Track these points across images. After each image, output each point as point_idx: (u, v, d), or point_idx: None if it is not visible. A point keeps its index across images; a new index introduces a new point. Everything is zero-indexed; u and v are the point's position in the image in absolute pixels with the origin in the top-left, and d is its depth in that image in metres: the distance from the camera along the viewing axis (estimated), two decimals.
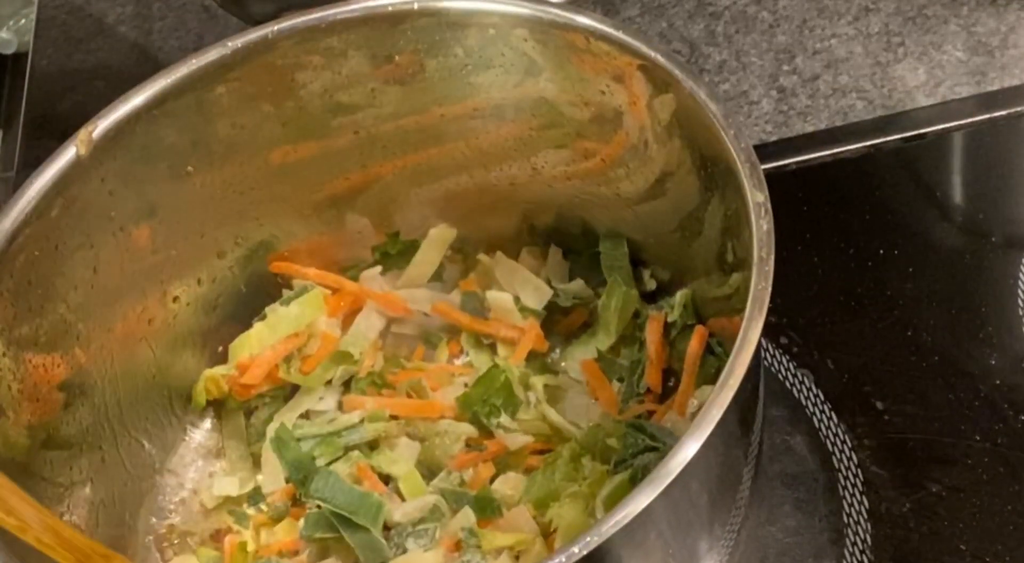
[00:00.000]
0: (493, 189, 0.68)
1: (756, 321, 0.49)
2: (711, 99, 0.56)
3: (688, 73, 0.57)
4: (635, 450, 0.59)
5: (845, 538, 0.63)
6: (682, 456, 0.45)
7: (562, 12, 0.60)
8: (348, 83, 0.64)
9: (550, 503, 0.60)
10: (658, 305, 0.66)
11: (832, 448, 0.67)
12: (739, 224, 0.54)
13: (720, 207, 0.57)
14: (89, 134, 0.59)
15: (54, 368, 0.59)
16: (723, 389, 0.47)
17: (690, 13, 0.90)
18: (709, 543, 0.53)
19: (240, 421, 0.68)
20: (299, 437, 0.65)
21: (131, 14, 1.00)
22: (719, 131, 0.55)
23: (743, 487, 0.55)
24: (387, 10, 0.62)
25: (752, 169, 0.53)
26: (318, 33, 0.62)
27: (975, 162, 0.79)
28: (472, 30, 0.62)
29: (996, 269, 0.73)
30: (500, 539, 0.59)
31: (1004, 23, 0.84)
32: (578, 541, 0.44)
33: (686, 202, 0.61)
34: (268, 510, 0.65)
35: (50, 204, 0.58)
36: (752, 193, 0.52)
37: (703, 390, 0.60)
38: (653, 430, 0.60)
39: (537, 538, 0.59)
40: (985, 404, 0.67)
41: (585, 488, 0.59)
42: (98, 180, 0.60)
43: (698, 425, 0.46)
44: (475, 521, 0.60)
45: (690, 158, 0.59)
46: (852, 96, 0.82)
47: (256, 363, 0.66)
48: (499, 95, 0.64)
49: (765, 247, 0.51)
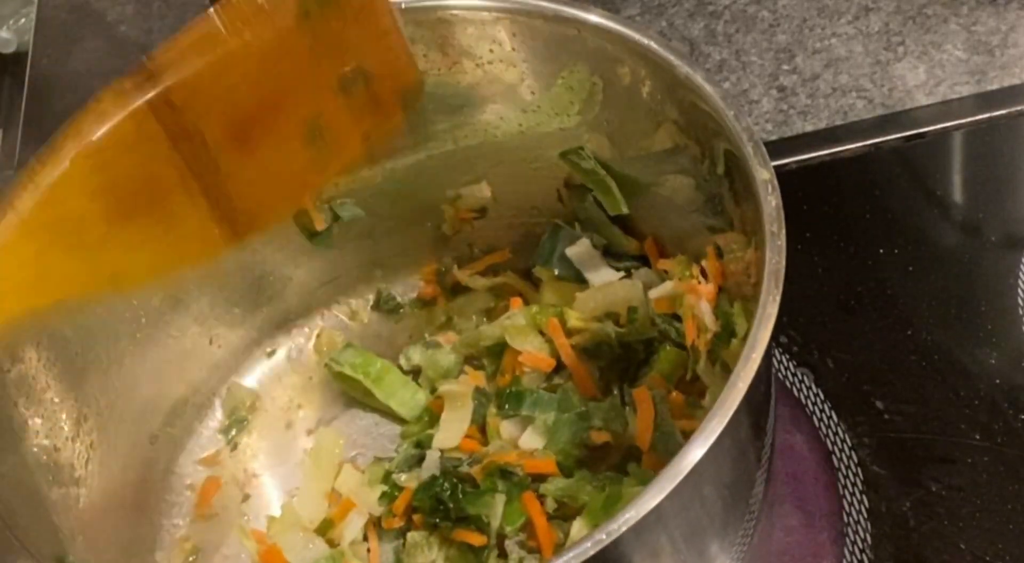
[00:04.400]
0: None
1: (774, 295, 0.49)
2: (708, 82, 0.56)
3: (683, 58, 0.57)
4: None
5: (845, 537, 0.63)
6: (693, 455, 0.45)
7: (564, 7, 0.61)
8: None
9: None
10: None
11: (832, 447, 0.67)
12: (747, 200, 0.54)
13: (726, 184, 0.58)
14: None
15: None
16: (747, 362, 0.47)
17: (690, 12, 0.90)
18: (720, 547, 0.53)
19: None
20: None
21: (131, 13, 1.00)
22: (720, 113, 0.55)
23: (756, 491, 0.54)
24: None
25: (756, 148, 0.53)
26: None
27: (975, 161, 0.79)
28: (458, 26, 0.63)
29: (996, 268, 0.73)
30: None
31: (1004, 22, 0.84)
32: (587, 539, 0.44)
33: (690, 183, 0.61)
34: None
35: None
36: (758, 171, 0.52)
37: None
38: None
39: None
40: (985, 403, 0.67)
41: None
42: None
43: (711, 420, 0.46)
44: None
45: (690, 139, 0.59)
46: (852, 95, 0.82)
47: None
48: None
49: (776, 222, 0.51)
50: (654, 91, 0.60)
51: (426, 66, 0.64)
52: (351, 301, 0.73)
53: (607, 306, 0.67)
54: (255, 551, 0.65)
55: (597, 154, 0.65)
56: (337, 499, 0.66)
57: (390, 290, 0.73)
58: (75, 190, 0.54)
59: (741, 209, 0.56)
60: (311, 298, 0.72)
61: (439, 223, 0.71)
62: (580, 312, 0.67)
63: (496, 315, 0.70)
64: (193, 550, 0.65)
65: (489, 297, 0.72)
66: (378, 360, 0.70)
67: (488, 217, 0.71)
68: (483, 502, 0.61)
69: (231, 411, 0.69)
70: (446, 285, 0.72)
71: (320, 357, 0.72)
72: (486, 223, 0.71)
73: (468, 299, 0.72)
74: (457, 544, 0.62)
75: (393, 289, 0.73)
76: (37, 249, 0.54)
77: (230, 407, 0.69)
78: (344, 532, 0.65)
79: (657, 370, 0.63)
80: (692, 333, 0.61)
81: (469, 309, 0.72)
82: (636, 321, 0.66)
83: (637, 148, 0.63)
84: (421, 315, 0.73)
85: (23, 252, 0.54)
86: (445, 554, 0.62)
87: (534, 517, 0.61)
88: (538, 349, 0.67)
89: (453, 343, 0.70)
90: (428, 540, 0.62)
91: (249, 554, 0.65)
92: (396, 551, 0.64)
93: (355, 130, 0.62)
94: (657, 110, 0.60)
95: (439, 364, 0.69)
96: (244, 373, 0.71)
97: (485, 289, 0.72)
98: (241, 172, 0.59)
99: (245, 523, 0.66)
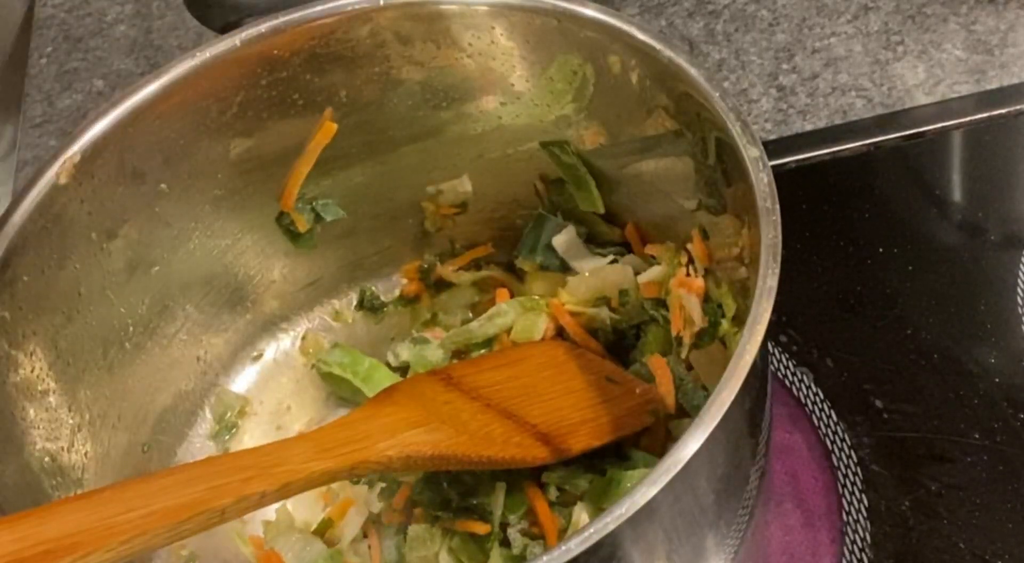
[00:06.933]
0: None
1: (772, 269, 0.49)
2: (692, 65, 0.56)
3: (667, 43, 0.57)
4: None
5: (844, 536, 0.63)
6: (688, 449, 0.45)
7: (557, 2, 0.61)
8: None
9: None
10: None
11: (831, 446, 0.67)
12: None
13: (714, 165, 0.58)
14: (72, 164, 0.59)
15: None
16: (751, 334, 0.47)
17: (689, 11, 0.90)
18: (714, 542, 0.53)
19: None
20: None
21: (130, 13, 1.00)
22: (706, 94, 0.55)
23: (750, 487, 0.55)
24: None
25: (744, 127, 0.53)
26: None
27: (974, 160, 0.79)
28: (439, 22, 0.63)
29: (995, 267, 0.73)
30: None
31: (1003, 21, 0.84)
32: (580, 534, 0.44)
33: (677, 165, 0.62)
34: None
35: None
36: (747, 149, 0.53)
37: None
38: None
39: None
40: (984, 402, 0.67)
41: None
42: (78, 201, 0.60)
43: (705, 414, 0.46)
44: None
45: (680, 123, 0.60)
46: (851, 94, 0.82)
47: None
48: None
49: (769, 198, 0.51)
50: (643, 78, 0.60)
51: (420, 59, 0.64)
52: (334, 302, 0.73)
53: (598, 290, 0.67)
54: (253, 556, 0.65)
55: (580, 150, 0.66)
56: (332, 499, 0.66)
57: (373, 289, 0.73)
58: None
59: (733, 189, 0.56)
60: (294, 300, 0.72)
61: (421, 220, 0.71)
62: (572, 297, 0.67)
63: (481, 309, 0.70)
64: (190, 557, 0.65)
65: (474, 292, 0.72)
66: (366, 358, 0.70)
67: (468, 212, 0.71)
68: (484, 492, 0.61)
69: (220, 417, 0.69)
70: (429, 282, 0.72)
71: (307, 359, 0.72)
72: (467, 218, 0.71)
73: (452, 294, 0.72)
74: (460, 535, 0.62)
75: (376, 288, 0.73)
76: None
77: (219, 413, 0.69)
78: (344, 531, 0.65)
79: (648, 349, 0.64)
80: (678, 324, 0.61)
81: (454, 305, 0.72)
82: (628, 304, 0.66)
83: (630, 135, 0.63)
84: (406, 313, 0.72)
85: None
86: (448, 546, 0.62)
87: (536, 505, 0.61)
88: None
89: (441, 339, 0.70)
90: (430, 532, 0.62)
91: (247, 559, 0.65)
92: (398, 546, 0.64)
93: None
94: (648, 97, 0.60)
95: (427, 359, 0.69)
96: (232, 378, 0.70)
97: (469, 284, 0.72)
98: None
99: (242, 528, 0.66)
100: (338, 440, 0.55)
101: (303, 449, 0.54)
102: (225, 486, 0.50)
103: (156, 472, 0.63)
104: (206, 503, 0.49)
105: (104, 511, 0.47)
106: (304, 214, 0.68)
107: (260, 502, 0.51)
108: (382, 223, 0.71)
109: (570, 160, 0.66)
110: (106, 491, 0.49)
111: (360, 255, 0.72)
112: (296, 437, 0.61)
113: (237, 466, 0.52)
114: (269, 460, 0.53)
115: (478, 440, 0.57)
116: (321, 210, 0.68)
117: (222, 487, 0.50)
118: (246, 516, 0.64)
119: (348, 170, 0.68)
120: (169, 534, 0.48)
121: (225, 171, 0.65)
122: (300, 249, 0.69)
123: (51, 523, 0.46)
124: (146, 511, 0.48)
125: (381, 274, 0.73)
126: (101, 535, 0.46)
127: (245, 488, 0.50)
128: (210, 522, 0.49)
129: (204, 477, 0.50)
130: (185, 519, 0.48)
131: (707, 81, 0.56)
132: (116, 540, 0.46)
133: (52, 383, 0.59)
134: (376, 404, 0.59)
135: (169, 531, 0.48)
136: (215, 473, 0.51)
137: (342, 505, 0.65)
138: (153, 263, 0.64)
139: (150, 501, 0.48)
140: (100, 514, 0.47)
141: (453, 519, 0.62)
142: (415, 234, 0.72)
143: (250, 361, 0.71)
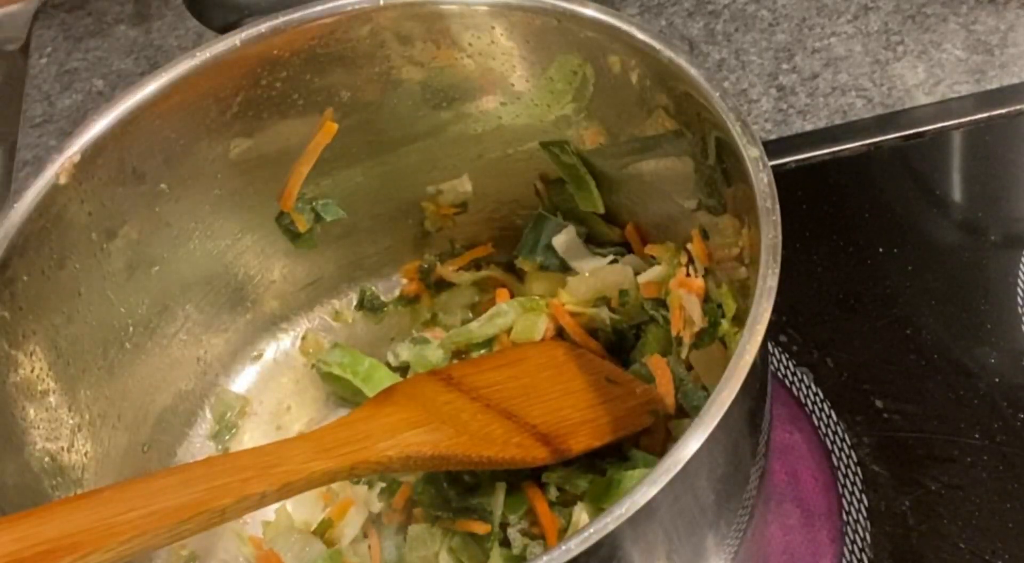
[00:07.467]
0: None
1: (772, 268, 0.49)
2: (692, 65, 0.56)
3: (667, 43, 0.57)
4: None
5: (844, 536, 0.63)
6: (688, 449, 0.45)
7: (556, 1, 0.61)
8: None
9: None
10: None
11: (831, 446, 0.67)
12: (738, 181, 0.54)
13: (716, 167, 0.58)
14: (72, 164, 0.59)
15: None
16: (751, 333, 0.47)
17: (689, 11, 0.90)
18: (714, 542, 0.53)
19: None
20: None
21: (130, 13, 1.00)
22: (705, 94, 0.55)
23: (750, 487, 0.55)
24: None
25: (744, 127, 0.53)
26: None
27: (974, 160, 0.79)
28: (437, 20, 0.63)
29: (995, 267, 0.73)
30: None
31: (1003, 22, 0.84)
32: (580, 534, 0.44)
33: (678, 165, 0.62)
34: None
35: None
36: (747, 149, 0.53)
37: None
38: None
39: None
40: (984, 402, 0.67)
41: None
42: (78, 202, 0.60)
43: (705, 414, 0.46)
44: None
45: (680, 123, 0.60)
46: (851, 94, 0.82)
47: None
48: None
49: (769, 198, 0.51)
50: (643, 78, 0.60)
51: (420, 59, 0.64)
52: (334, 302, 0.73)
53: (598, 290, 0.67)
54: (252, 556, 0.65)
55: (580, 150, 0.66)
56: (332, 499, 0.66)
57: (373, 289, 0.73)
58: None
59: (733, 189, 0.56)
60: (294, 300, 0.72)
61: (421, 220, 0.71)
62: (572, 297, 0.67)
63: (481, 309, 0.71)
64: (190, 557, 0.65)
65: (474, 292, 0.72)
66: (366, 358, 0.70)
67: (468, 212, 0.71)
68: (484, 492, 0.61)
69: (220, 417, 0.69)
70: (429, 282, 0.72)
71: (307, 359, 0.72)
72: (467, 218, 0.71)
73: (452, 295, 0.72)
74: (460, 535, 0.62)
75: (376, 288, 0.73)
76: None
77: (219, 413, 0.69)
78: (344, 531, 0.65)
79: (648, 349, 0.64)
80: (678, 325, 0.61)
81: (453, 304, 0.72)
82: (628, 304, 0.66)
83: (630, 135, 0.63)
84: (406, 313, 0.72)
85: None
86: (448, 546, 0.62)
87: (536, 505, 0.61)
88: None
89: (441, 339, 0.70)
90: (430, 532, 0.62)
91: (247, 559, 0.65)
92: (398, 546, 0.64)
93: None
94: (648, 97, 0.60)
95: (427, 359, 0.69)
96: (232, 378, 0.71)
97: (469, 284, 0.72)
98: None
99: (242, 528, 0.66)
100: (338, 440, 0.55)
101: (303, 449, 0.54)
102: (225, 486, 0.50)
103: (156, 472, 0.63)
104: (206, 503, 0.49)
105: (104, 511, 0.47)
106: (304, 214, 0.68)
107: (260, 502, 0.51)
108: (382, 223, 0.71)
109: (570, 160, 0.66)
110: (106, 491, 0.49)
111: (360, 255, 0.72)
112: (296, 437, 0.61)
113: (237, 466, 0.52)
114: (269, 460, 0.53)
115: (478, 440, 0.57)
116: (321, 210, 0.68)
117: (222, 487, 0.50)
118: (246, 516, 0.65)
119: (348, 170, 0.68)
120: (169, 534, 0.48)
121: (225, 171, 0.65)
122: (300, 249, 0.69)
123: (51, 523, 0.46)
124: (146, 511, 0.48)
125: (381, 274, 0.73)
126: (101, 535, 0.46)
127: (245, 488, 0.50)
128: (210, 522, 0.49)
129: (204, 477, 0.50)
130: (185, 519, 0.48)
131: (707, 81, 0.56)
132: (116, 540, 0.46)
133: (52, 383, 0.59)
134: (376, 404, 0.59)
135: (169, 531, 0.48)
136: (215, 473, 0.51)
137: (342, 505, 0.65)
138: (153, 263, 0.64)
139: (150, 501, 0.48)
140: (100, 514, 0.47)
141: (453, 519, 0.62)
142: (415, 234, 0.72)
143: (250, 361, 0.71)
